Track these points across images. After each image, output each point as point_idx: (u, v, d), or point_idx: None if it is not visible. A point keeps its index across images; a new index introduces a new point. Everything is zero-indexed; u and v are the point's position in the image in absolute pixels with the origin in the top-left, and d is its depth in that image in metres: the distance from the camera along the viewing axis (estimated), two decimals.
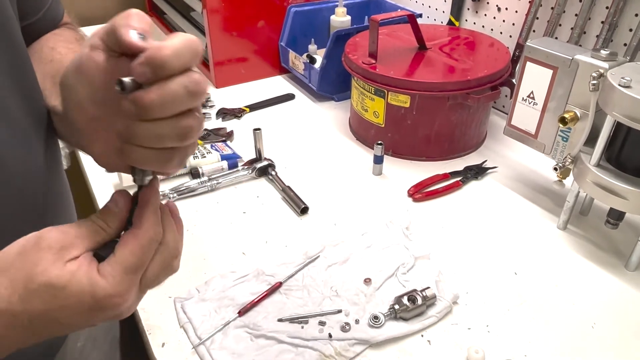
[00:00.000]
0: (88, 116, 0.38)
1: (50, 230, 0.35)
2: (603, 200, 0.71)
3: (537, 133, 0.82)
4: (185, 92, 0.33)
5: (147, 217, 0.37)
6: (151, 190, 0.38)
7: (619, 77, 0.65)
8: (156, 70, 0.32)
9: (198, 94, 0.34)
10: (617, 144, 0.70)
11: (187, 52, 0.33)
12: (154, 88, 0.32)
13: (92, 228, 0.36)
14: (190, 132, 0.35)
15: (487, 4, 1.12)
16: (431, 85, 0.90)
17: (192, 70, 0.33)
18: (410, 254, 0.75)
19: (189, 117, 0.34)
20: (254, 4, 1.23)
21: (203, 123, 0.37)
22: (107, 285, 0.35)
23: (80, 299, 0.34)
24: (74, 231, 0.35)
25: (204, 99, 0.35)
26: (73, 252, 0.34)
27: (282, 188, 0.89)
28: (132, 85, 0.33)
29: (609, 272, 0.74)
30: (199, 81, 0.33)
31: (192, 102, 0.34)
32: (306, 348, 0.62)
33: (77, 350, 0.61)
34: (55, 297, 0.33)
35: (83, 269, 0.34)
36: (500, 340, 0.63)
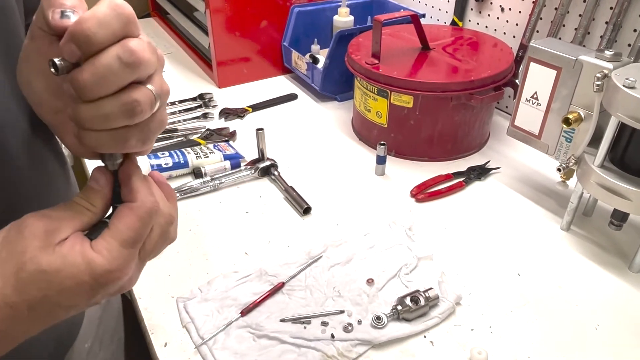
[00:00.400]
0: (51, 109, 0.37)
1: (31, 216, 0.34)
2: (607, 201, 0.70)
3: (540, 134, 0.81)
4: (120, 64, 0.30)
5: (138, 189, 0.36)
6: (131, 164, 0.37)
7: (623, 77, 0.64)
8: (81, 45, 0.29)
9: (136, 65, 0.30)
10: (621, 145, 0.70)
11: (115, 19, 0.30)
12: (86, 65, 0.30)
13: (76, 209, 0.35)
14: (138, 107, 0.31)
15: (490, 4, 1.12)
16: (434, 86, 0.90)
17: (129, 37, 0.30)
18: (413, 255, 0.75)
19: (133, 91, 0.31)
20: (257, 4, 1.23)
21: (159, 96, 0.33)
22: (104, 261, 0.33)
23: (78, 279, 0.33)
24: (56, 214, 0.34)
25: (150, 68, 0.32)
26: (60, 234, 0.33)
27: (285, 188, 0.89)
28: (65, 65, 0.30)
29: (612, 274, 0.74)
30: (134, 50, 0.30)
31: (131, 74, 0.31)
32: (309, 348, 0.61)
33: (85, 351, 0.61)
34: (51, 282, 0.32)
35: (76, 248, 0.33)
36: (504, 342, 0.63)
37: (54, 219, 0.34)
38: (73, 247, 0.33)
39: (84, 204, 0.35)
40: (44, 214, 0.34)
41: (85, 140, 0.33)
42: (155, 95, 0.32)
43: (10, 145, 0.40)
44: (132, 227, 0.34)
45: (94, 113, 0.31)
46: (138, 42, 0.31)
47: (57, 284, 0.32)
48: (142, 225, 0.35)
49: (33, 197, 0.43)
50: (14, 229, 0.33)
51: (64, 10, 0.30)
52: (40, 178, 0.45)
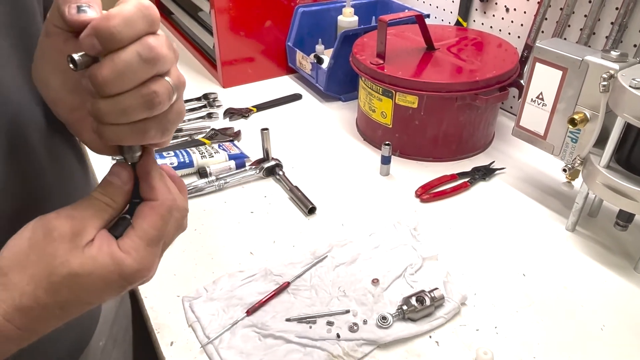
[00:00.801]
0: (68, 107, 0.37)
1: (56, 217, 0.34)
2: (613, 201, 0.70)
3: (546, 134, 0.81)
4: (139, 61, 0.30)
5: (158, 187, 0.36)
6: (149, 160, 0.37)
7: (629, 78, 0.64)
8: (105, 41, 0.29)
9: (155, 60, 0.31)
10: (627, 146, 0.70)
11: (141, 20, 0.30)
12: (106, 61, 0.30)
13: (98, 206, 0.35)
14: (157, 98, 0.32)
15: (495, 4, 1.12)
16: (439, 86, 0.90)
17: (151, 35, 0.31)
18: (418, 255, 0.75)
19: (152, 83, 0.31)
20: (261, 4, 1.24)
21: (177, 87, 0.33)
22: (132, 261, 0.34)
23: (108, 280, 0.34)
24: (81, 214, 0.34)
25: (168, 63, 0.32)
26: (86, 236, 0.34)
27: (290, 188, 0.89)
28: (83, 60, 0.30)
29: (618, 274, 0.74)
30: (153, 46, 0.30)
31: (150, 70, 0.31)
32: (314, 348, 0.62)
33: (99, 349, 0.61)
34: (83, 284, 0.33)
35: (104, 249, 0.34)
36: (509, 342, 0.63)
37: (79, 219, 0.34)
38: (101, 249, 0.34)
39: (105, 200, 0.35)
40: (68, 214, 0.34)
41: (105, 135, 0.33)
42: (173, 86, 0.33)
43: (32, 141, 0.40)
44: (155, 227, 0.35)
45: (113, 107, 0.31)
46: (156, 39, 0.31)
47: (89, 285, 0.33)
48: (164, 223, 0.36)
49: (53, 191, 0.44)
50: (40, 232, 0.33)
51: (80, 5, 0.31)
52: (60, 172, 0.46)
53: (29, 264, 0.33)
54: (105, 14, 0.30)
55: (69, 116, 0.38)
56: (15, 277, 0.32)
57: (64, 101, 0.37)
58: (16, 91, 0.39)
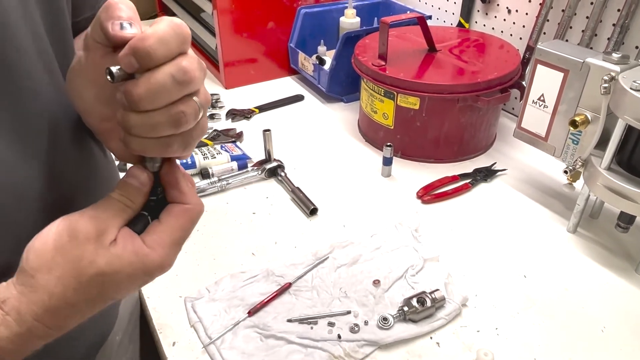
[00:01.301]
0: (99, 117, 0.39)
1: (80, 218, 0.35)
2: (614, 203, 0.71)
3: (547, 136, 0.81)
4: (173, 83, 0.32)
5: (188, 192, 0.39)
6: (175, 167, 0.39)
7: (630, 80, 0.64)
8: (141, 60, 0.31)
9: (187, 83, 0.33)
10: (628, 148, 0.70)
11: (173, 38, 0.32)
12: (142, 80, 0.32)
13: (117, 206, 0.37)
14: (184, 118, 0.34)
15: (497, 6, 1.12)
16: (441, 88, 0.91)
17: (182, 55, 0.33)
18: (420, 256, 0.75)
19: (181, 104, 0.33)
20: (263, 5, 1.24)
21: (203, 106, 0.35)
22: (157, 257, 0.36)
23: (133, 275, 0.35)
24: (103, 215, 0.36)
25: (197, 84, 0.34)
26: (110, 235, 0.35)
27: (292, 189, 0.89)
28: (120, 74, 0.32)
29: (619, 276, 0.74)
30: (187, 69, 0.32)
31: (182, 92, 0.33)
32: (315, 349, 0.62)
33: (116, 343, 0.63)
34: (110, 282, 0.35)
35: (128, 247, 0.35)
36: (510, 344, 0.63)
37: (102, 219, 0.35)
38: (125, 247, 0.35)
39: (124, 200, 0.37)
40: (91, 215, 0.35)
41: (131, 145, 0.35)
42: (200, 106, 0.34)
43: (64, 139, 0.42)
44: (184, 228, 0.37)
45: (142, 122, 0.33)
46: (189, 61, 0.33)
47: (115, 282, 0.35)
48: (192, 226, 0.38)
49: (81, 186, 0.45)
50: (65, 234, 0.34)
51: (122, 23, 0.32)
52: (87, 169, 0.47)
53: (55, 266, 0.34)
54: (141, 34, 0.31)
55: (99, 125, 0.39)
56: (43, 279, 0.33)
57: (96, 112, 0.38)
58: (48, 90, 0.41)
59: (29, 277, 0.34)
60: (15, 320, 0.33)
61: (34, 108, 0.39)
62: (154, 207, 0.39)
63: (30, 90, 0.38)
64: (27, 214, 0.39)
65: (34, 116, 0.39)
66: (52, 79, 0.41)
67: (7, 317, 0.33)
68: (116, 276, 0.35)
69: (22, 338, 0.33)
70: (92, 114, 0.39)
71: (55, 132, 0.41)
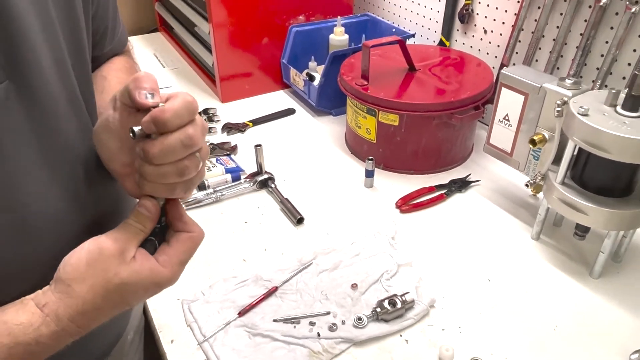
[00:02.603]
0: (120, 163, 0.48)
1: (106, 239, 0.44)
2: (567, 214, 0.78)
3: (512, 152, 0.89)
4: (181, 146, 0.42)
5: (192, 224, 0.48)
6: (178, 204, 0.49)
7: (578, 105, 0.72)
8: (159, 127, 0.41)
9: (192, 146, 0.42)
10: (580, 165, 0.78)
11: (185, 112, 0.42)
12: (157, 142, 0.41)
13: (135, 230, 0.46)
14: (187, 170, 0.43)
15: (474, 26, 1.20)
16: (418, 106, 0.98)
17: (191, 123, 0.42)
18: (394, 262, 0.83)
19: (186, 159, 0.43)
20: (257, 22, 1.32)
21: (202, 159, 0.45)
22: (167, 273, 0.46)
23: (147, 286, 0.45)
24: (124, 237, 0.45)
25: (199, 145, 0.43)
26: (129, 253, 0.44)
27: (281, 200, 0.97)
28: (141, 133, 0.42)
29: (575, 280, 0.82)
30: (192, 136, 0.42)
31: (187, 152, 0.42)
32: (297, 345, 0.70)
33: (128, 342, 0.72)
34: (129, 290, 0.44)
35: (145, 265, 0.45)
36: (470, 340, 0.71)
37: (123, 240, 0.44)
38: (143, 264, 0.44)
39: (138, 226, 0.46)
40: (115, 237, 0.44)
41: (144, 188, 0.45)
42: (200, 160, 0.44)
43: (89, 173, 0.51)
44: (189, 251, 0.47)
45: (154, 172, 0.43)
46: (195, 129, 0.42)
47: (133, 291, 0.45)
48: (195, 249, 0.48)
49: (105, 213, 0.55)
50: (96, 251, 0.43)
51: (146, 93, 0.42)
52: (109, 199, 0.57)
53: (88, 277, 0.43)
54: (161, 108, 0.41)
55: (120, 169, 0.48)
56: (77, 287, 0.42)
57: (118, 159, 0.48)
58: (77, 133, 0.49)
59: (65, 286, 0.42)
60: (54, 320, 0.42)
61: (61, 145, 0.47)
62: (158, 232, 0.48)
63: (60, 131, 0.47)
64: (60, 236, 0.47)
65: (62, 153, 0.47)
66: (80, 122, 0.50)
67: (47, 318, 0.42)
68: (134, 287, 0.44)
69: (59, 335, 0.42)
70: (114, 161, 0.48)
71: (82, 168, 0.50)
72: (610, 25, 0.92)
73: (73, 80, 0.49)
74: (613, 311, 0.76)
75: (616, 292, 0.79)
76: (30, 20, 0.42)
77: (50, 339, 0.42)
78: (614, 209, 0.74)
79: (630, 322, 0.74)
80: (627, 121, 0.69)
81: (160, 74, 1.53)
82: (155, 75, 0.44)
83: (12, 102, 0.41)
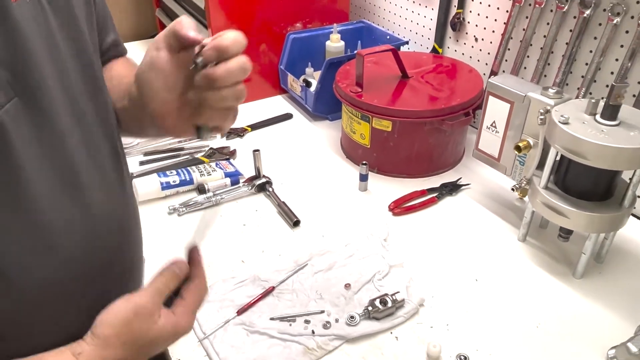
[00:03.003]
0: (162, 101, 0.53)
1: (139, 301, 0.50)
2: (550, 218, 0.82)
3: (499, 157, 0.93)
4: (240, 69, 0.48)
5: (203, 274, 0.56)
6: (198, 252, 0.56)
7: (559, 114, 0.76)
8: (220, 53, 0.47)
9: (247, 70, 0.49)
10: (562, 170, 0.82)
11: (240, 42, 0.48)
12: (221, 66, 0.47)
13: (161, 291, 0.52)
14: (242, 94, 0.50)
15: (466, 34, 1.23)
16: (410, 113, 1.02)
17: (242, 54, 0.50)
18: (386, 263, 0.87)
19: (240, 84, 0.49)
20: (256, 30, 1.36)
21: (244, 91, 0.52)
22: (185, 324, 0.52)
23: (168, 339, 0.52)
24: (154, 300, 0.51)
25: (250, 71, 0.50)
26: (157, 314, 0.50)
27: (278, 203, 1.01)
28: (202, 64, 0.48)
29: (558, 279, 0.85)
30: (247, 61, 0.49)
31: (243, 76, 0.49)
32: (293, 342, 0.74)
33: None
34: (155, 344, 0.51)
35: (169, 321, 0.51)
36: (457, 337, 0.75)
37: (153, 303, 0.51)
38: (167, 321, 0.51)
39: (164, 288, 0.52)
40: (146, 300, 0.50)
41: (204, 115, 0.52)
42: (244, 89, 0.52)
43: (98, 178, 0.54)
44: (200, 300, 0.56)
45: (216, 97, 0.49)
46: (247, 58, 0.49)
47: (158, 344, 0.51)
48: (205, 297, 0.56)
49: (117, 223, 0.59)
50: (131, 313, 0.49)
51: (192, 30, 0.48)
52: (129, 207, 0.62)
53: (122, 335, 0.48)
54: (221, 37, 0.47)
55: (161, 108, 0.53)
56: (112, 342, 0.48)
57: (160, 97, 0.52)
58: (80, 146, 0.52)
59: (100, 341, 0.47)
60: None
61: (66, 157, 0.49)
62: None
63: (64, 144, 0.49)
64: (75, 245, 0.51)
65: (67, 163, 0.50)
66: (81, 133, 0.52)
67: None
68: (160, 341, 0.51)
69: None
70: (156, 100, 0.53)
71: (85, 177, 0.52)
72: (594, 35, 0.96)
73: (75, 91, 0.51)
74: (593, 309, 0.80)
75: (597, 291, 0.83)
76: (33, 35, 0.45)
77: None
78: (593, 212, 0.78)
79: (609, 319, 0.78)
80: (605, 129, 0.73)
81: None
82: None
83: (21, 116, 0.44)
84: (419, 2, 1.34)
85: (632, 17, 0.89)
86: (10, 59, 0.43)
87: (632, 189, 0.78)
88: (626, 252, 0.91)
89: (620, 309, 0.79)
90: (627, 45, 0.90)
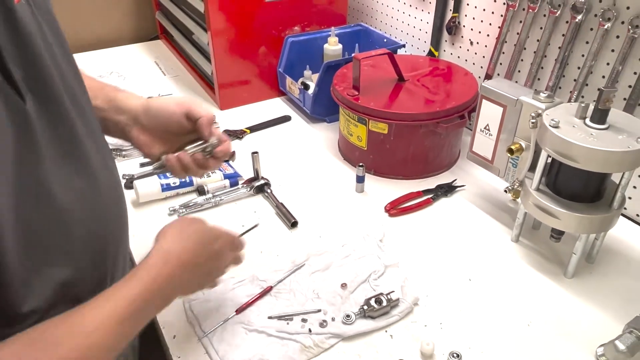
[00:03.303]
0: (152, 136, 0.70)
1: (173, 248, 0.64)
2: (541, 219, 0.84)
3: (493, 159, 0.95)
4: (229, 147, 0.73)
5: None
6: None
7: (550, 118, 0.78)
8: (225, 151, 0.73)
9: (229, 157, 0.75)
10: (553, 173, 0.84)
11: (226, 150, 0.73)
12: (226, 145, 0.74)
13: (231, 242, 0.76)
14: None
15: (461, 37, 1.25)
16: (406, 116, 1.04)
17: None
18: (382, 263, 0.89)
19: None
20: (255, 33, 1.37)
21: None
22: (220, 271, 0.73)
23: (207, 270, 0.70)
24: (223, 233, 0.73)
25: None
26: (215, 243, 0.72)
27: (276, 204, 1.03)
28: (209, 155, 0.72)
29: (550, 279, 0.87)
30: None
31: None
32: (290, 340, 0.76)
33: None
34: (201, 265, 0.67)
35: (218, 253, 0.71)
36: (450, 335, 0.77)
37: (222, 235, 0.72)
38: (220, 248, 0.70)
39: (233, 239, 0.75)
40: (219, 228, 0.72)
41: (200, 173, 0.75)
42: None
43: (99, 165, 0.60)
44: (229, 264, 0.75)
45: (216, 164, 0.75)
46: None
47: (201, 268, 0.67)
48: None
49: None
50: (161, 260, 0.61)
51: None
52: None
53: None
54: (227, 143, 0.75)
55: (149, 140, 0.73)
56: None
57: (154, 133, 0.72)
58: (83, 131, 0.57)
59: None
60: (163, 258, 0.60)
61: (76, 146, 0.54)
62: None
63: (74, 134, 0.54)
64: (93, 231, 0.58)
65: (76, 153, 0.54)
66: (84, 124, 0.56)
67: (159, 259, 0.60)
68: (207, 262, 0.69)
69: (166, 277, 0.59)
70: (151, 133, 0.72)
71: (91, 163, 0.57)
72: (586, 40, 0.98)
73: (74, 88, 0.55)
74: (584, 308, 0.82)
75: (587, 291, 0.85)
76: (35, 36, 0.47)
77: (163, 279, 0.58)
78: (584, 214, 0.80)
79: (599, 318, 0.80)
80: (594, 133, 0.75)
81: (161, 81, 1.58)
82: (155, 82, 0.56)
83: (38, 114, 0.47)
84: (415, 6, 1.36)
85: (623, 23, 0.91)
86: (21, 58, 0.45)
87: (621, 191, 0.80)
88: (616, 252, 0.93)
89: (610, 308, 0.81)
90: (617, 49, 0.92)
